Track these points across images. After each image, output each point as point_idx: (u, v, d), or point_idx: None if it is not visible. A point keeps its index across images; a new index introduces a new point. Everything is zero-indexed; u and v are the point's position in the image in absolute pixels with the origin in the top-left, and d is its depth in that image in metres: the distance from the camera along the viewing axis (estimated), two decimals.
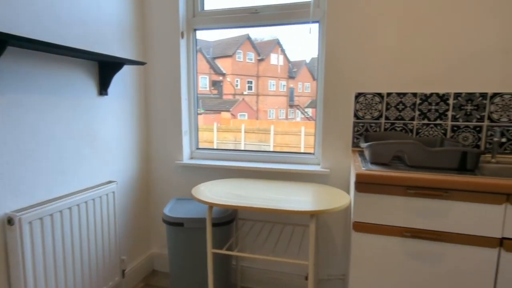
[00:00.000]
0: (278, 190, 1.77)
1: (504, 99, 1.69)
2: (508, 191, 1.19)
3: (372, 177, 1.32)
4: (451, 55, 1.73)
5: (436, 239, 1.29)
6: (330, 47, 1.89)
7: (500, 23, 1.65)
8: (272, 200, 1.60)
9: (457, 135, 1.77)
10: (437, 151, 1.42)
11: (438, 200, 1.27)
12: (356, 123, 1.91)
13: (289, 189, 1.80)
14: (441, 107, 1.78)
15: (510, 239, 1.22)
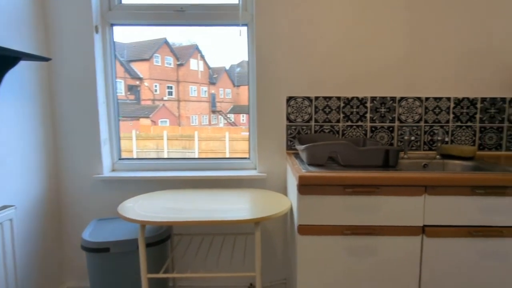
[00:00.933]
0: (216, 199, 1.71)
1: (408, 102, 1.93)
2: (426, 183, 1.35)
3: (314, 179, 1.37)
4: (368, 63, 1.91)
5: (371, 234, 1.39)
6: (260, 52, 1.91)
7: (407, 38, 1.89)
8: (212, 211, 1.53)
9: (375, 135, 1.96)
10: (366, 150, 1.54)
11: (371, 196, 1.38)
12: (289, 126, 1.96)
13: (228, 197, 1.75)
14: (361, 110, 1.95)
15: (430, 226, 1.39)
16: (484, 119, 1.92)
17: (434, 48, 1.89)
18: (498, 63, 1.89)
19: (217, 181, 2.01)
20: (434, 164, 1.80)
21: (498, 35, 1.87)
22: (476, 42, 1.88)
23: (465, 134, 1.94)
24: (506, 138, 1.94)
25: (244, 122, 9.12)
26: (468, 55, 1.89)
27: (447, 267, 1.40)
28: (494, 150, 1.95)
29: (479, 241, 1.38)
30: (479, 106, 1.92)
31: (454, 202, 1.36)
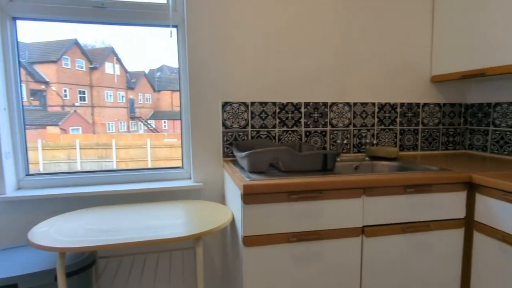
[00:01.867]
0: (148, 215, 1.54)
1: (339, 107, 2.02)
2: (364, 185, 1.41)
3: (259, 187, 1.31)
4: (302, 70, 1.95)
5: (316, 239, 1.39)
6: (193, 55, 1.80)
7: (337, 48, 1.97)
8: (145, 229, 1.37)
9: (309, 139, 2.00)
10: (306, 155, 1.55)
11: (316, 201, 1.38)
12: (225, 132, 1.88)
13: (162, 212, 1.60)
14: (296, 115, 1.97)
15: (368, 226, 1.44)
16: (403, 122, 2.12)
17: (361, 59, 2.01)
18: (413, 73, 2.09)
19: (148, 195, 1.82)
20: (364, 166, 1.91)
21: (413, 51, 2.08)
22: (396, 56, 2.05)
23: (388, 136, 2.11)
24: (421, 140, 2.16)
25: (166, 128, 8.84)
26: (389, 66, 2.05)
27: (385, 264, 1.47)
28: (411, 150, 2.15)
29: (411, 236, 1.48)
30: (398, 110, 2.10)
31: (389, 201, 1.45)
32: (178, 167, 1.95)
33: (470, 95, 2.20)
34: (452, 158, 1.97)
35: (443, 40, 2.02)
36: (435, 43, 2.08)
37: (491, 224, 1.40)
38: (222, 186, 1.91)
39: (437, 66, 2.08)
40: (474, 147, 2.18)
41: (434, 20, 2.08)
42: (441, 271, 1.53)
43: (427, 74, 2.12)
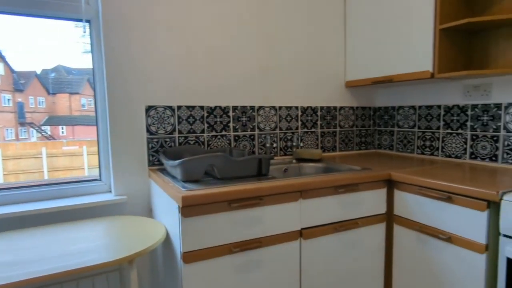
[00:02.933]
0: (64, 239, 1.30)
1: (265, 111, 2.03)
2: (301, 188, 1.43)
3: (199, 198, 1.21)
4: (229, 73, 1.90)
5: (258, 246, 1.36)
6: (111, 54, 1.60)
7: (263, 53, 1.97)
8: (62, 256, 1.14)
9: (238, 144, 1.96)
10: (242, 161, 1.50)
11: (257, 208, 1.34)
12: (150, 139, 1.71)
13: (80, 233, 1.36)
14: (224, 119, 1.91)
15: (306, 228, 1.47)
16: (323, 125, 2.24)
17: (285, 65, 2.06)
18: (330, 79, 2.24)
19: (60, 214, 1.54)
20: (292, 168, 1.96)
21: (330, 59, 2.22)
22: (316, 63, 2.16)
23: (311, 139, 2.20)
24: (339, 141, 2.32)
25: (64, 134, 7.77)
26: (310, 72, 2.15)
27: (321, 264, 1.52)
28: (331, 151, 2.29)
29: (343, 234, 1.56)
30: (319, 114, 2.22)
31: (323, 202, 1.50)
32: (95, 179, 1.70)
33: (377, 99, 2.45)
34: (365, 157, 2.16)
35: (354, 49, 2.21)
36: (347, 52, 2.26)
37: (409, 217, 1.57)
38: (148, 198, 1.73)
39: (350, 73, 2.26)
40: (382, 147, 2.44)
41: (346, 32, 2.26)
42: (368, 264, 1.65)
43: (342, 80, 2.29)
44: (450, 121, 2.00)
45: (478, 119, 1.86)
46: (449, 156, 2.01)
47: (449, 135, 2.01)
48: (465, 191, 1.32)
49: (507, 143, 1.74)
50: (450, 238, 1.39)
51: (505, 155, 1.75)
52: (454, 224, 1.38)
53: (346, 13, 2.25)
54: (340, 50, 2.25)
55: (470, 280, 1.33)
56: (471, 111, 1.89)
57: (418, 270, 1.54)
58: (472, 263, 1.32)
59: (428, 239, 1.48)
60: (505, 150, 1.75)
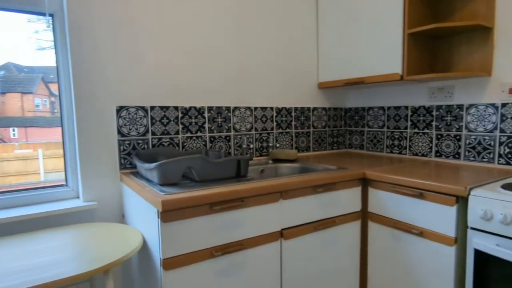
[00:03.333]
0: (29, 251, 1.20)
1: (241, 111, 2.02)
2: (281, 189, 1.43)
3: (180, 202, 1.17)
4: (203, 72, 1.86)
5: (240, 249, 1.33)
6: (78, 51, 1.50)
7: (239, 53, 1.95)
8: (24, 271, 1.05)
9: (214, 145, 1.93)
10: (221, 162, 1.47)
11: (238, 210, 1.32)
12: (121, 141, 1.63)
13: (48, 243, 1.26)
14: (200, 120, 1.87)
15: (287, 228, 1.47)
16: (297, 126, 2.26)
17: (260, 66, 2.05)
18: (304, 80, 2.26)
19: (22, 224, 1.42)
20: (269, 169, 1.95)
21: (304, 61, 2.24)
22: (290, 64, 2.18)
23: (286, 139, 2.22)
24: (312, 141, 2.35)
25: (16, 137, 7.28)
26: (284, 73, 2.16)
27: (301, 264, 1.53)
28: (305, 151, 2.32)
29: (322, 233, 1.58)
30: (293, 114, 2.23)
31: (302, 202, 1.51)
32: (61, 185, 1.59)
33: (348, 100, 2.52)
34: (337, 156, 2.21)
35: (327, 51, 2.25)
36: (320, 54, 2.30)
37: (383, 213, 1.62)
38: (120, 204, 1.65)
39: (323, 74, 2.30)
40: (353, 146, 2.51)
41: (318, 34, 2.30)
42: (345, 260, 1.68)
43: (315, 81, 2.32)
44: (417, 121, 2.10)
45: (443, 119, 1.97)
46: (416, 154, 2.11)
47: (416, 135, 2.11)
48: (435, 187, 1.39)
49: (468, 142, 1.85)
50: (422, 232, 1.45)
51: (467, 152, 1.87)
52: (426, 219, 1.44)
53: (318, 16, 2.29)
54: (313, 51, 2.29)
55: (441, 271, 1.40)
56: (436, 111, 2.00)
57: (392, 264, 1.59)
58: (443, 255, 1.39)
59: (401, 235, 1.54)
60: (467, 148, 1.86)
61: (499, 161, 1.74)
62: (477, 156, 1.82)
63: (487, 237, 1.26)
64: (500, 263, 1.23)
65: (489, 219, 1.24)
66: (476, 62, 1.81)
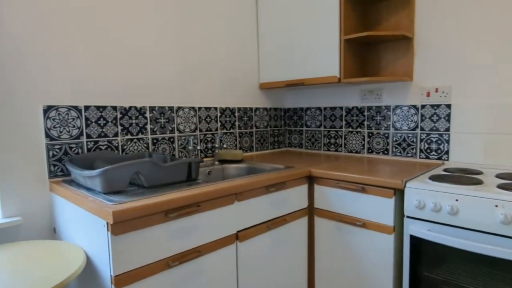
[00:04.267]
0: None
1: (185, 112, 1.93)
2: (236, 190, 1.40)
3: (133, 211, 1.06)
4: (143, 69, 1.73)
5: (197, 256, 1.27)
6: None
7: (181, 52, 1.86)
8: None
9: (157, 148, 1.81)
10: (171, 166, 1.39)
11: (194, 215, 1.26)
12: (50, 145, 1.42)
13: None
14: (141, 121, 1.74)
15: (242, 230, 1.45)
16: (241, 126, 2.26)
17: (203, 65, 1.99)
18: (246, 80, 2.27)
19: None
20: (216, 170, 1.91)
21: (245, 61, 2.24)
22: (232, 64, 2.16)
23: (230, 140, 2.19)
24: (255, 141, 2.37)
25: None
26: (227, 73, 2.14)
27: (256, 264, 1.53)
28: (249, 151, 2.33)
29: (274, 232, 1.60)
30: (237, 114, 2.22)
31: (256, 202, 1.50)
32: None
33: (287, 101, 2.60)
34: (278, 155, 2.27)
35: (268, 53, 2.29)
36: (261, 55, 2.33)
37: (328, 208, 1.71)
38: (51, 217, 1.44)
39: (264, 75, 2.34)
40: (293, 145, 2.60)
41: (258, 36, 2.33)
42: (294, 256, 1.73)
43: (256, 81, 2.34)
44: (350, 120, 2.27)
45: (373, 119, 2.16)
46: (351, 151, 2.27)
47: (350, 133, 2.27)
48: (376, 181, 1.51)
49: (395, 139, 2.07)
50: (364, 224, 1.57)
51: (394, 149, 2.08)
52: (367, 211, 1.56)
53: (258, 18, 2.32)
54: (254, 53, 2.30)
55: (382, 257, 1.53)
56: (367, 112, 2.18)
57: (338, 256, 1.69)
58: (383, 243, 1.52)
59: (346, 227, 1.65)
60: (394, 144, 2.07)
61: (420, 156, 1.97)
62: (403, 152, 2.04)
63: (420, 224, 1.42)
64: (431, 245, 1.39)
65: (422, 208, 1.40)
66: (400, 68, 2.02)
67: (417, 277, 1.44)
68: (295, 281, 1.74)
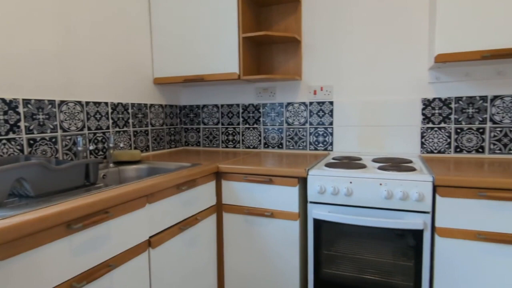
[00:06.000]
0: None
1: (69, 107, 1.65)
2: (148, 191, 1.27)
3: (25, 227, 0.84)
4: (13, 53, 1.40)
5: (108, 271, 1.10)
6: None
7: (56, 32, 1.57)
8: None
9: (35, 150, 1.49)
10: (66, 169, 1.16)
11: (102, 224, 1.09)
12: None
13: None
14: (12, 117, 1.40)
15: (154, 235, 1.33)
16: (135, 124, 2.06)
17: (89, 52, 1.73)
18: (139, 74, 2.08)
19: None
20: (111, 173, 1.69)
21: (137, 52, 2.05)
22: (122, 55, 1.94)
23: (124, 139, 1.97)
24: (151, 140, 2.20)
25: None
26: (117, 64, 1.91)
27: (170, 271, 1.42)
28: (145, 151, 2.14)
29: (186, 233, 1.52)
30: (130, 111, 2.02)
31: (167, 203, 1.40)
32: None
33: (182, 97, 2.51)
34: (177, 154, 2.17)
35: (162, 46, 2.16)
36: (155, 48, 2.18)
37: (236, 203, 1.73)
38: None
39: (158, 69, 2.19)
40: (190, 143, 2.52)
41: (151, 28, 2.17)
42: (205, 256, 1.69)
43: (150, 76, 2.18)
44: (247, 117, 2.35)
45: (268, 115, 2.29)
46: (249, 147, 2.36)
47: (247, 130, 2.35)
48: (282, 172, 1.61)
49: (288, 133, 2.25)
50: (272, 213, 1.66)
51: (287, 143, 2.25)
52: (275, 201, 1.65)
53: (150, 8, 2.16)
54: (146, 44, 2.14)
55: (289, 243, 1.64)
56: (262, 109, 2.30)
57: (247, 248, 1.73)
58: (290, 230, 1.63)
59: (255, 219, 1.70)
60: (287, 139, 2.25)
61: (310, 148, 2.20)
62: (295, 145, 2.23)
63: (322, 207, 1.58)
64: (331, 225, 1.57)
65: (323, 192, 1.56)
66: (291, 68, 2.21)
67: (319, 256, 1.60)
68: (207, 282, 1.70)
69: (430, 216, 1.40)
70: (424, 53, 1.92)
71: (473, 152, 1.85)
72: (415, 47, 1.93)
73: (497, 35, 1.50)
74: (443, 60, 1.59)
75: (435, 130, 1.91)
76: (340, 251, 1.58)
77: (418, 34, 1.91)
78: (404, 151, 1.99)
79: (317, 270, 1.61)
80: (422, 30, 1.90)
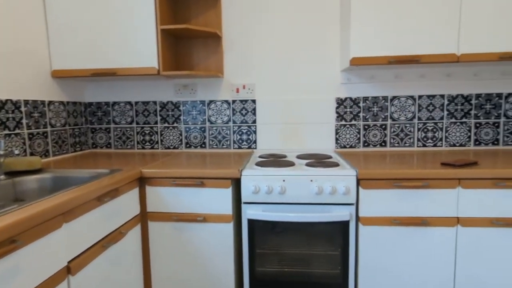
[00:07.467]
0: None
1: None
2: (65, 209, 1.06)
3: None
4: None
5: None
6: None
7: None
8: None
9: None
10: None
11: (10, 256, 0.85)
12: None
13: None
14: None
15: (73, 259, 1.12)
16: (30, 124, 1.70)
17: None
18: (32, 64, 1.72)
19: None
20: (3, 187, 1.36)
21: (30, 39, 1.69)
22: (6, 45, 1.57)
23: (16, 144, 1.61)
24: (52, 143, 1.85)
25: None
26: (4, 50, 1.54)
27: None
28: (44, 157, 1.79)
29: (110, 250, 1.33)
30: (24, 109, 1.66)
31: (86, 220, 1.19)
32: None
33: (87, 93, 2.18)
34: (84, 159, 1.89)
35: (62, 35, 1.83)
36: (51, 35, 1.83)
37: (163, 210, 1.59)
38: None
39: (58, 61, 1.86)
40: (98, 146, 2.22)
41: (45, 8, 1.82)
42: (131, 272, 1.51)
43: (47, 67, 1.83)
44: (166, 116, 2.19)
45: (189, 114, 2.18)
46: (168, 147, 2.20)
47: (166, 129, 2.19)
48: (214, 174, 1.55)
49: (211, 132, 2.17)
50: (204, 218, 1.58)
51: (211, 142, 2.18)
52: (207, 204, 1.57)
53: None
54: (41, 28, 1.78)
55: (223, 246, 1.59)
56: (183, 106, 2.17)
57: (177, 256, 1.62)
58: (223, 233, 1.58)
59: (185, 226, 1.59)
60: (210, 138, 2.18)
61: (234, 146, 2.18)
62: (219, 144, 2.18)
63: (256, 207, 1.57)
64: (265, 224, 1.58)
65: (258, 192, 1.55)
66: (212, 65, 2.13)
67: (254, 255, 1.60)
68: None
69: (354, 207, 1.53)
70: (336, 56, 2.07)
71: (378, 146, 2.10)
72: (328, 49, 2.07)
73: (400, 43, 1.71)
74: (357, 63, 1.74)
75: (347, 127, 2.10)
76: (274, 248, 1.60)
77: (331, 37, 2.06)
78: (322, 147, 2.12)
79: (252, 270, 1.60)
80: (335, 34, 2.05)
